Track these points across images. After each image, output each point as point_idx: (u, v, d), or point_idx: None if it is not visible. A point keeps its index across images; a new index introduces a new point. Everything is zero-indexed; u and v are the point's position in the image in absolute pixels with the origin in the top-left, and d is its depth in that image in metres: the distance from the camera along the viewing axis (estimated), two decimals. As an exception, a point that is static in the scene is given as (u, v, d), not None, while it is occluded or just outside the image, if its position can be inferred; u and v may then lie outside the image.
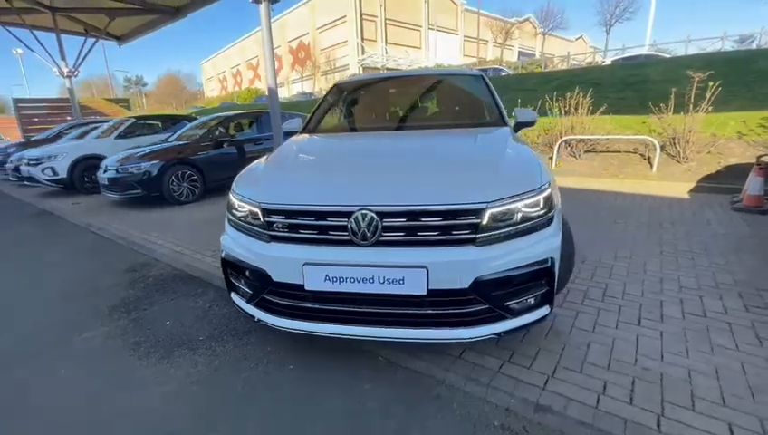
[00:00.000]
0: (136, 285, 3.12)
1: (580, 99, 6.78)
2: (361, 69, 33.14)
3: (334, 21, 34.10)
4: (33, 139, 11.29)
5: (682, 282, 2.65)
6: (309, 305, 1.74)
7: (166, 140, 7.04)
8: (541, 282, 1.71)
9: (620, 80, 9.96)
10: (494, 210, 1.61)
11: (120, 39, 15.07)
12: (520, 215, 1.66)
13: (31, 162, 7.21)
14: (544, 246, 1.68)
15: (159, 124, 8.92)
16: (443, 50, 37.96)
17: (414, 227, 1.61)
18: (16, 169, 8.17)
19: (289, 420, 1.65)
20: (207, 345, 2.22)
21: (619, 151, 6.84)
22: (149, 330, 2.43)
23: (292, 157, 2.33)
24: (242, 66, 49.14)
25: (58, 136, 10.16)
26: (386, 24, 34.46)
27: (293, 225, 1.73)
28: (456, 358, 1.93)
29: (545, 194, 1.73)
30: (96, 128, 9.11)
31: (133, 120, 8.49)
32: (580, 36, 54.78)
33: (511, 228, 1.64)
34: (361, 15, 32.93)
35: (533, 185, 1.71)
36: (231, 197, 1.99)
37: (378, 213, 1.61)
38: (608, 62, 19.45)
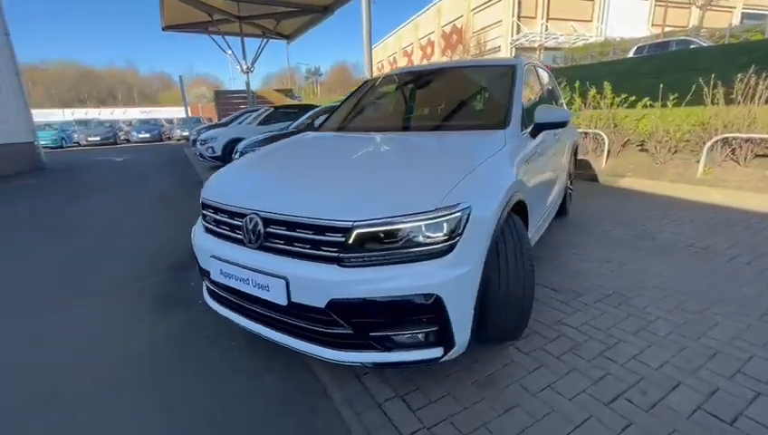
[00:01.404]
0: (199, 248, 3.89)
1: (753, 81, 4.84)
2: (514, 50, 30.68)
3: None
4: (219, 122, 14.64)
5: (747, 367, 1.79)
6: (219, 292, 1.93)
7: (287, 128, 8.21)
8: (422, 319, 1.48)
9: None
10: (363, 231, 1.46)
11: (288, 37, 17.88)
12: (406, 238, 1.47)
13: (201, 143, 9.44)
14: (430, 278, 1.44)
15: (296, 112, 10.39)
16: (623, 20, 31.62)
17: (290, 238, 1.60)
18: (199, 147, 10.83)
19: (181, 386, 1.90)
20: (198, 309, 2.66)
21: (821, 158, 4.70)
22: (176, 287, 3.04)
23: (255, 156, 2.53)
24: (398, 54, 51.59)
25: (231, 121, 12.92)
26: (549, -4, 30.73)
27: (215, 220, 1.93)
28: (356, 378, 1.84)
29: (450, 218, 1.47)
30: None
31: (271, 109, 10.10)
32: None
33: (388, 252, 1.47)
34: (520, -10, 30.18)
35: (430, 205, 1.47)
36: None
37: (263, 219, 1.66)
38: None
